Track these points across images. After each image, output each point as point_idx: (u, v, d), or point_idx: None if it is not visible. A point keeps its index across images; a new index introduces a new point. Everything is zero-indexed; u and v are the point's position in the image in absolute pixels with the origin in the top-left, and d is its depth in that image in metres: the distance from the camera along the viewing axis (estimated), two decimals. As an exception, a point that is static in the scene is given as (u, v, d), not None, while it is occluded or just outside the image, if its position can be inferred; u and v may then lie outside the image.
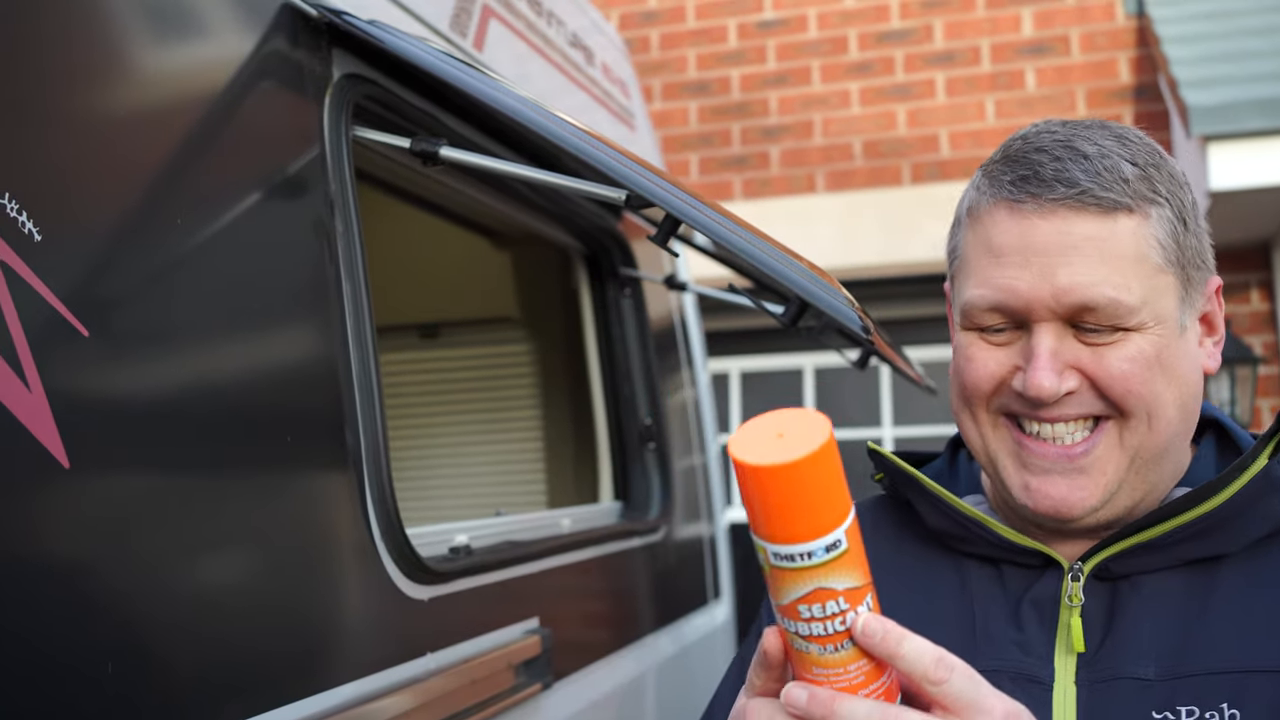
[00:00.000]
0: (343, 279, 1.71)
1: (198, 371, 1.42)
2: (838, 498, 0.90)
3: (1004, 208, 1.14)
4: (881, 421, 6.99)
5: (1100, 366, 1.12)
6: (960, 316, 1.20)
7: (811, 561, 0.89)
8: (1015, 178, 1.14)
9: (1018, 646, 1.18)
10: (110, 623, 1.22)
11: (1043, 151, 1.14)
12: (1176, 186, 1.16)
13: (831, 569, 0.89)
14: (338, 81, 1.81)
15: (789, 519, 0.88)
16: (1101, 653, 1.15)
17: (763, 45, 7.21)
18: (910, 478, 1.27)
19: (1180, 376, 1.15)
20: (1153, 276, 1.13)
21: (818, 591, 0.90)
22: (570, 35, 3.02)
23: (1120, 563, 1.17)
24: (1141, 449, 1.14)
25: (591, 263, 3.17)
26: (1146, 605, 1.15)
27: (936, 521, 1.26)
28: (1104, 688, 1.13)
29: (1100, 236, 1.11)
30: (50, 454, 1.15)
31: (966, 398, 1.20)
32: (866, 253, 6.61)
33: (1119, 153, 1.13)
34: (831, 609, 0.90)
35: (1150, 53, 6.54)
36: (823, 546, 0.89)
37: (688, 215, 1.63)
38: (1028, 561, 1.21)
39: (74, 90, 1.29)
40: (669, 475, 3.17)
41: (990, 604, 1.22)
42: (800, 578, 0.90)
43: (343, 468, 1.66)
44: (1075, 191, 1.10)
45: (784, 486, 0.87)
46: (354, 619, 1.66)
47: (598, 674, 2.56)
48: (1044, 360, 1.11)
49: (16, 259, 1.14)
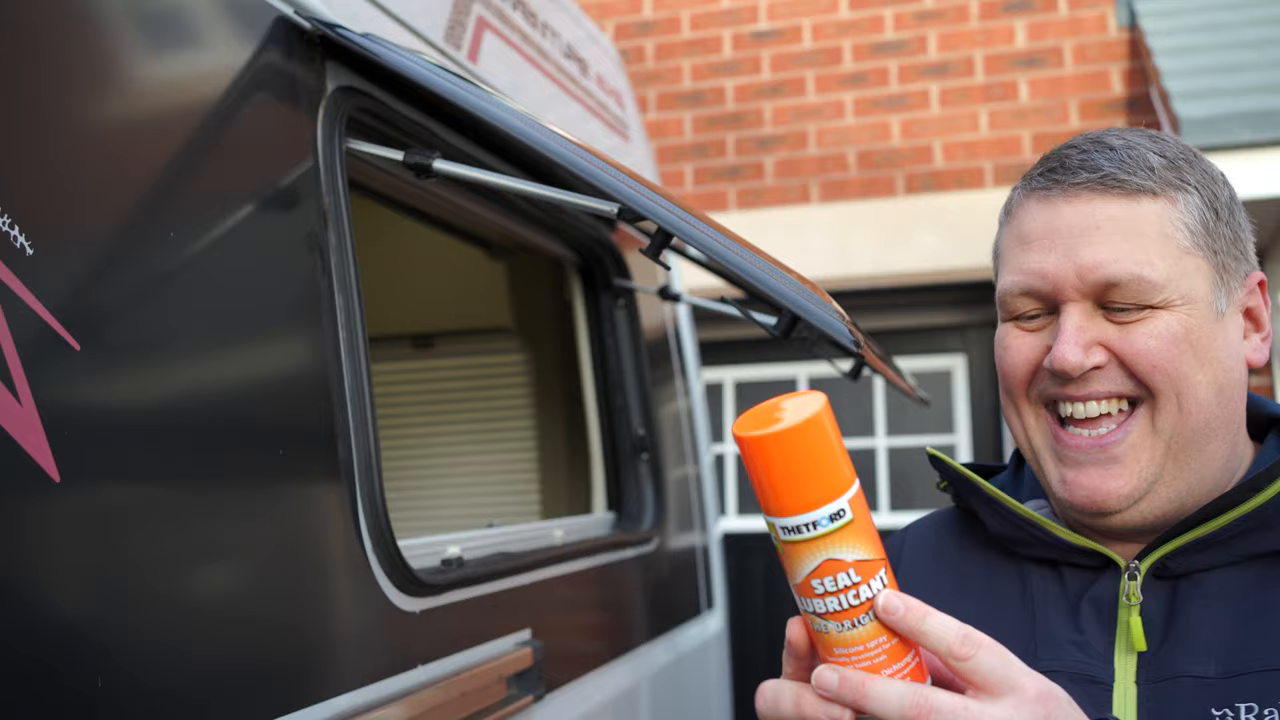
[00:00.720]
0: (335, 292, 1.72)
1: (189, 384, 1.42)
2: (839, 466, 0.93)
3: (1034, 198, 1.20)
4: (875, 432, 7.00)
5: (1126, 343, 1.13)
6: (999, 308, 1.24)
7: (817, 531, 0.92)
8: (1044, 170, 1.20)
9: (1077, 647, 1.17)
10: (100, 636, 1.22)
11: (1072, 147, 1.20)
12: (1210, 180, 1.19)
13: (838, 539, 0.92)
14: (331, 94, 1.81)
15: (791, 489, 0.91)
16: (1161, 651, 1.14)
17: (757, 56, 7.23)
18: (971, 483, 1.28)
19: (1214, 360, 1.15)
20: (1179, 257, 1.14)
21: (828, 563, 0.92)
22: (565, 46, 3.03)
23: (1178, 560, 1.16)
24: (1176, 433, 1.14)
25: (585, 274, 3.18)
26: (1207, 603, 1.15)
27: (997, 526, 1.27)
28: (1164, 686, 1.12)
29: (1123, 217, 1.13)
30: (41, 468, 1.15)
31: (1007, 388, 1.22)
32: (860, 263, 6.63)
33: (1147, 146, 1.17)
34: (843, 581, 0.92)
35: (1142, 65, 6.56)
36: (827, 515, 0.91)
37: (679, 229, 1.64)
38: (1086, 562, 1.22)
39: (68, 103, 1.30)
40: (662, 486, 3.17)
41: (1050, 606, 1.22)
42: (809, 550, 0.92)
43: (334, 480, 1.66)
44: (1099, 176, 1.14)
45: (783, 454, 0.91)
46: (345, 631, 1.66)
47: (590, 685, 2.56)
48: (1069, 334, 1.13)
49: (8, 273, 1.14)
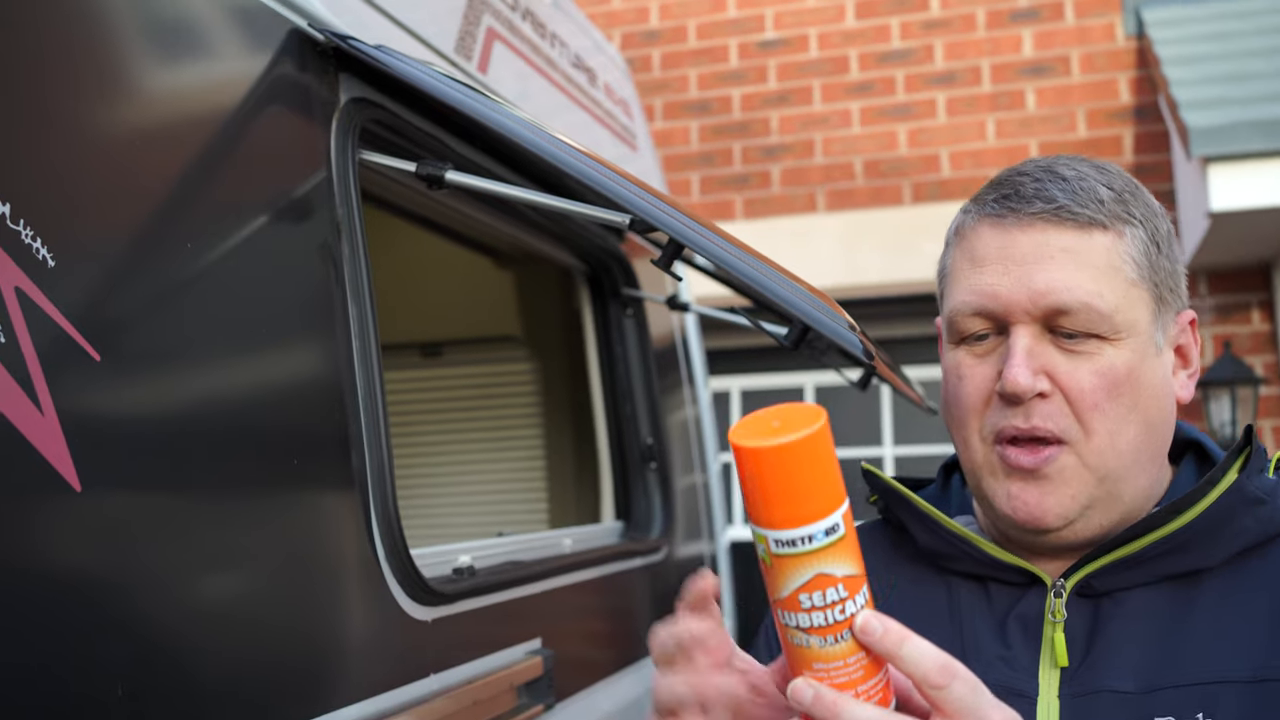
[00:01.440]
0: (349, 301, 1.73)
1: (206, 394, 1.43)
2: (835, 481, 0.92)
3: (987, 223, 1.22)
4: (882, 441, 7.00)
5: (1072, 378, 1.16)
6: (947, 330, 1.25)
7: (812, 545, 0.91)
8: (998, 196, 1.22)
9: (1004, 662, 1.20)
10: (120, 644, 1.23)
11: (1024, 174, 1.22)
12: (1151, 214, 1.22)
13: (831, 553, 0.92)
14: (344, 105, 1.82)
15: (789, 501, 0.91)
16: (1083, 667, 1.18)
17: (764, 65, 7.24)
18: (902, 497, 1.31)
19: (1150, 396, 1.19)
20: (1126, 289, 1.18)
21: (818, 578, 0.92)
22: (573, 56, 3.04)
23: (1102, 579, 1.20)
24: (1107, 469, 1.18)
25: (594, 283, 3.19)
26: (1128, 620, 1.18)
27: (926, 540, 1.29)
28: (1085, 701, 1.16)
29: (1076, 249, 1.17)
30: (62, 476, 1.16)
31: (959, 418, 1.24)
32: (867, 272, 6.64)
33: (1096, 178, 1.20)
34: (831, 596, 0.92)
35: (1150, 73, 6.57)
36: (822, 530, 0.91)
37: (691, 240, 1.65)
38: (1013, 579, 1.24)
39: (87, 116, 1.31)
40: (670, 495, 3.18)
41: (978, 621, 1.25)
42: (801, 564, 0.92)
43: (348, 488, 1.67)
44: (1053, 207, 1.17)
45: (783, 467, 0.90)
46: (358, 640, 1.67)
47: (600, 694, 2.56)
48: (1019, 358, 1.16)
49: (30, 283, 1.15)
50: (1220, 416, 5.92)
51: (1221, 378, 5.93)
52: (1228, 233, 5.50)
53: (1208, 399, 5.99)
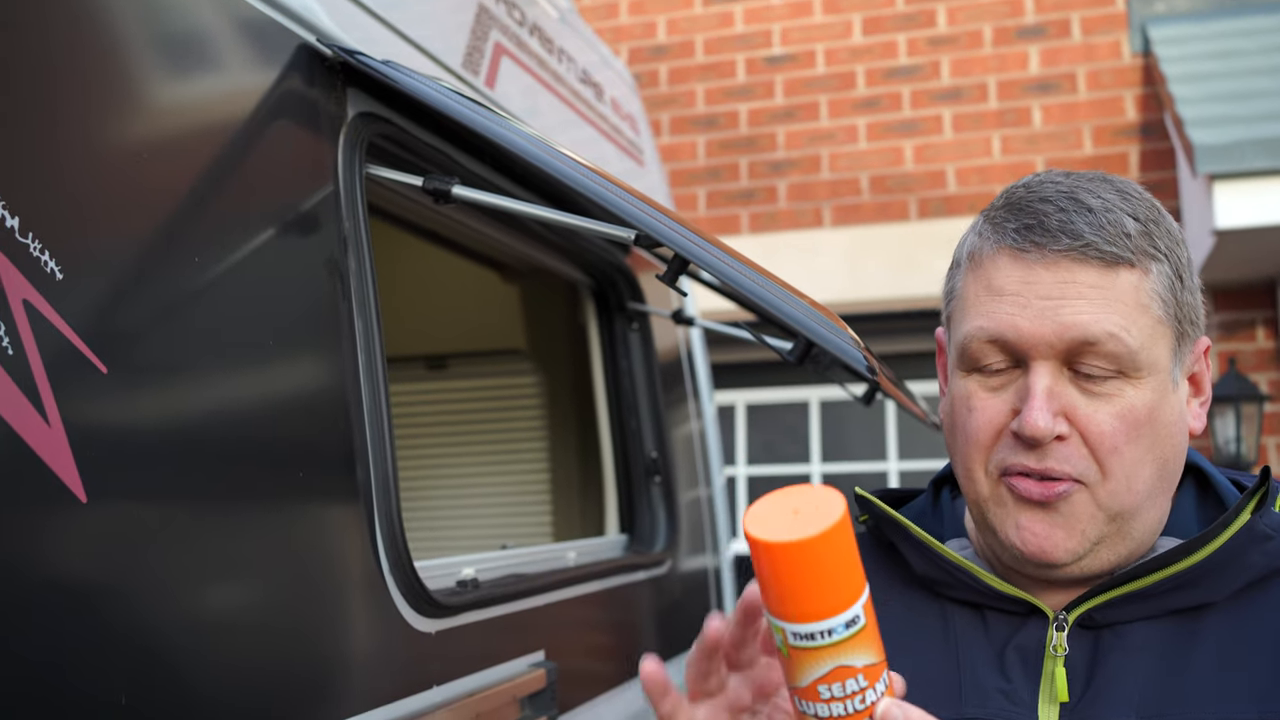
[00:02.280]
0: (355, 314, 1.74)
1: (212, 406, 1.44)
2: (855, 572, 0.90)
3: (1007, 254, 1.16)
4: (887, 455, 7.00)
5: (1092, 421, 1.13)
6: (957, 356, 1.20)
7: (832, 639, 0.89)
8: (1020, 226, 1.15)
9: (1004, 695, 1.18)
10: (125, 654, 1.23)
11: (1047, 202, 1.15)
12: (1175, 244, 1.18)
13: (851, 646, 0.90)
14: (352, 120, 1.84)
15: (809, 596, 0.88)
16: (1084, 702, 1.15)
17: (771, 80, 7.26)
18: (896, 522, 1.28)
19: (1166, 436, 1.17)
20: (1152, 326, 1.14)
21: (838, 670, 0.90)
22: (580, 71, 3.06)
23: (1104, 612, 1.18)
24: (1121, 509, 1.15)
25: (599, 297, 3.20)
26: (1129, 655, 1.16)
27: (921, 567, 1.27)
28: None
29: (1103, 285, 1.12)
30: (68, 488, 1.17)
31: (966, 451, 1.20)
32: (873, 287, 6.64)
33: (1121, 207, 1.15)
34: (851, 687, 0.90)
35: (1156, 91, 6.58)
36: (843, 623, 0.89)
37: (696, 255, 1.65)
38: (1012, 609, 1.22)
39: (95, 130, 1.32)
40: (675, 508, 3.18)
41: (975, 651, 1.22)
42: (820, 656, 0.90)
43: (352, 500, 1.68)
44: (1080, 244, 1.12)
45: (804, 563, 0.88)
46: (362, 651, 1.68)
47: (603, 707, 2.56)
48: (1040, 400, 1.12)
49: (39, 296, 1.16)
50: (1225, 434, 5.92)
51: (1226, 395, 5.92)
52: (1233, 250, 5.51)
53: (1212, 416, 5.99)
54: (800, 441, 7.19)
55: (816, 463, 7.13)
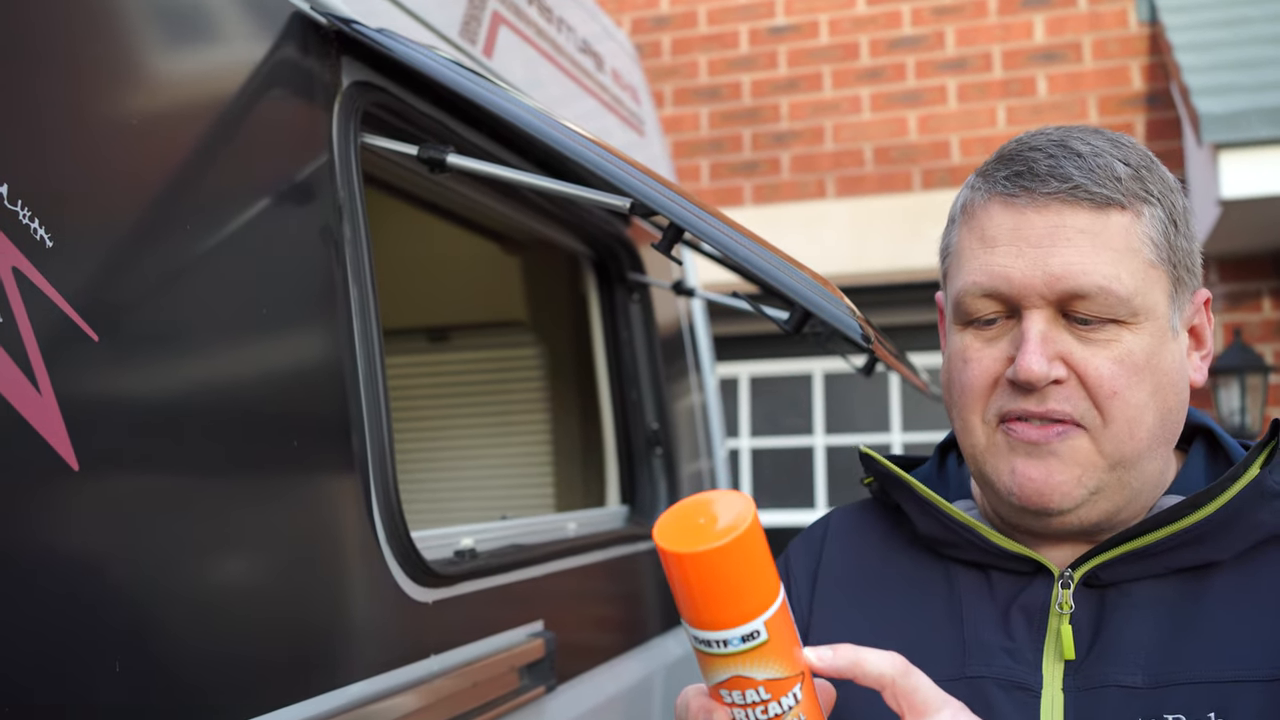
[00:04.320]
0: (350, 284, 1.73)
1: (205, 375, 1.44)
2: (758, 587, 0.89)
3: (998, 202, 1.17)
4: (891, 427, 7.00)
5: (1090, 365, 1.13)
6: (953, 310, 1.20)
7: (726, 650, 0.89)
8: (1010, 173, 1.16)
9: (1007, 653, 1.18)
10: (117, 622, 1.24)
11: (1037, 150, 1.16)
12: (1168, 189, 1.18)
13: (749, 658, 0.89)
14: (347, 89, 1.83)
15: (705, 606, 0.88)
16: (1089, 660, 1.15)
17: (774, 51, 7.22)
18: (901, 482, 1.27)
19: (1167, 382, 1.16)
20: (1144, 270, 1.14)
21: (736, 679, 0.90)
22: (580, 41, 3.04)
23: (1109, 570, 1.17)
24: (1122, 456, 1.14)
25: (600, 268, 3.19)
26: (1135, 613, 1.16)
27: (926, 527, 1.26)
28: (1091, 695, 1.13)
29: (1093, 230, 1.12)
30: (60, 456, 1.17)
31: (963, 402, 1.19)
32: (876, 259, 6.62)
33: (1112, 153, 1.15)
34: (751, 697, 0.90)
35: (1162, 60, 6.53)
36: (739, 636, 0.89)
37: (690, 224, 1.65)
38: (1017, 568, 1.21)
39: (86, 98, 1.31)
40: (676, 480, 3.18)
41: (979, 610, 1.21)
42: (716, 664, 0.90)
43: (349, 471, 1.68)
44: (1069, 186, 1.12)
45: (700, 573, 0.87)
46: (359, 621, 1.68)
47: (602, 677, 2.57)
48: (1034, 345, 1.12)
49: (28, 265, 1.16)
50: (1230, 404, 5.90)
51: (1231, 366, 5.91)
52: (1239, 220, 5.48)
53: (1217, 387, 5.97)
54: (803, 414, 7.19)
55: (820, 435, 7.13)
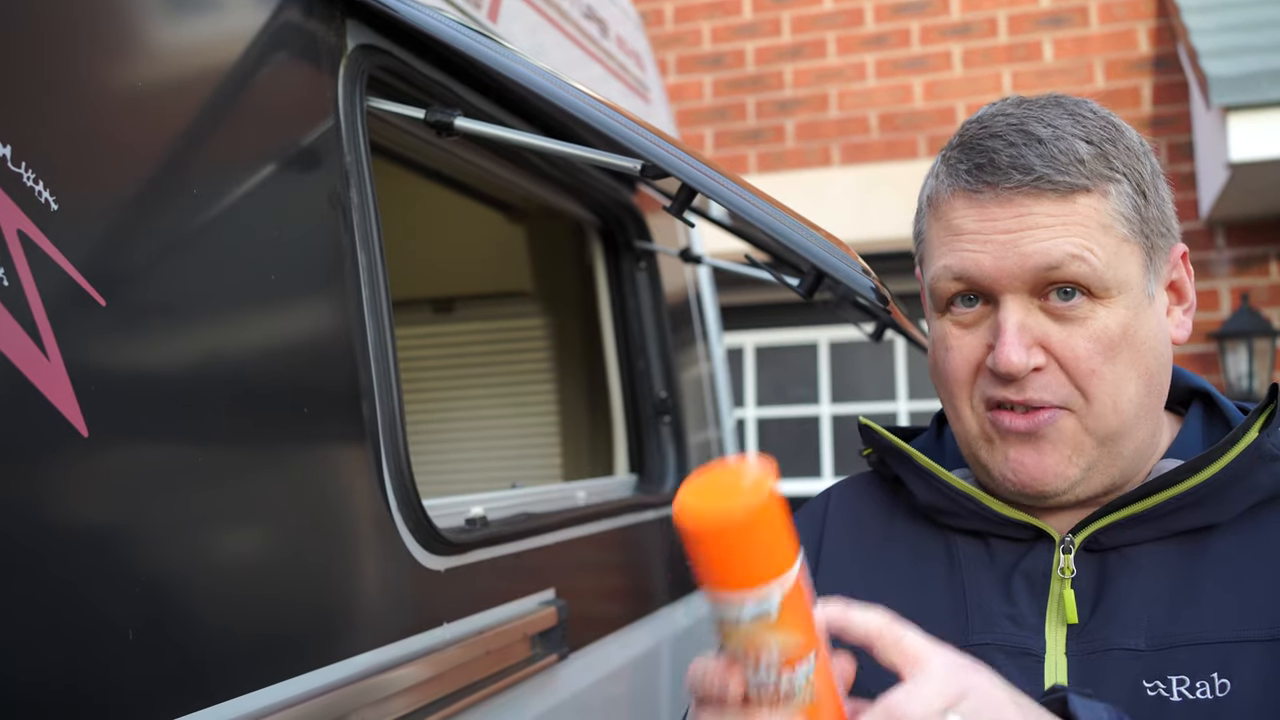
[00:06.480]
0: (358, 250, 1.71)
1: (214, 342, 1.42)
2: (774, 555, 0.89)
3: (962, 197, 1.16)
4: (896, 395, 6.98)
5: (1066, 346, 1.13)
6: (930, 298, 1.21)
7: (742, 616, 0.89)
8: (971, 166, 1.15)
9: (1010, 620, 1.18)
10: (129, 590, 1.23)
11: (997, 137, 1.15)
12: (1134, 159, 1.17)
13: (764, 626, 0.89)
14: (352, 53, 1.80)
15: (722, 571, 0.89)
16: (1092, 624, 1.15)
17: (778, 18, 7.17)
18: (900, 452, 1.28)
19: (1147, 350, 1.16)
20: (1117, 246, 1.13)
21: (751, 645, 0.90)
22: (585, 7, 3.01)
23: (1110, 535, 1.17)
24: (1109, 431, 1.15)
25: (606, 236, 3.17)
26: (1136, 576, 1.16)
27: (925, 496, 1.26)
28: (1095, 659, 1.14)
29: (1061, 214, 1.12)
30: (69, 422, 1.15)
31: (949, 390, 1.21)
32: (882, 226, 6.59)
33: (1073, 132, 1.14)
34: (765, 664, 0.91)
35: (1170, 22, 6.48)
36: (754, 602, 0.89)
37: (704, 185, 1.63)
38: (1017, 535, 1.22)
39: (90, 61, 1.29)
40: (684, 448, 3.17)
41: (980, 577, 1.22)
42: (733, 630, 0.91)
43: (359, 439, 1.66)
44: (1031, 178, 1.12)
45: (718, 538, 0.87)
46: (371, 589, 1.67)
47: (613, 646, 2.57)
48: (1011, 335, 1.12)
49: (34, 228, 1.14)
50: (1237, 369, 5.89)
51: (1239, 330, 5.89)
52: (1247, 183, 5.44)
53: (1224, 351, 5.96)
54: (809, 383, 7.17)
55: (826, 404, 7.12)
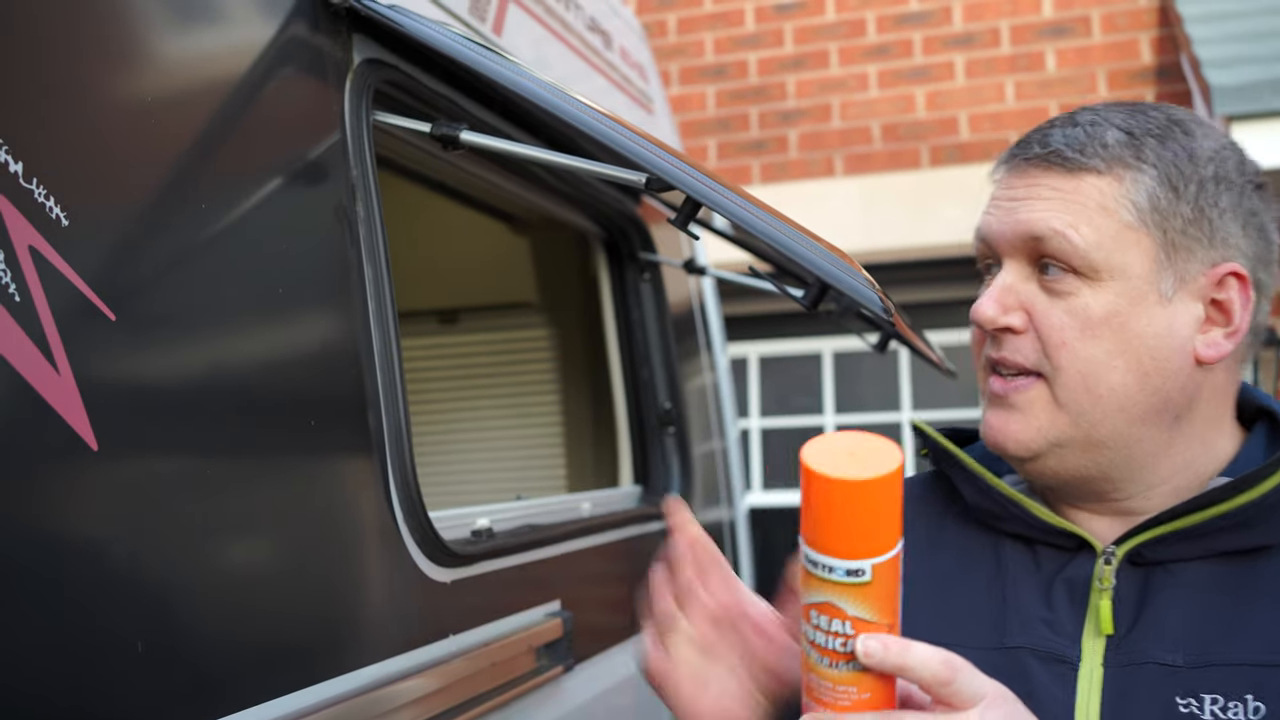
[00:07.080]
0: (364, 263, 1.72)
1: (222, 355, 1.43)
2: (878, 531, 0.93)
3: (1002, 169, 1.25)
4: (901, 406, 6.98)
5: (1044, 316, 1.17)
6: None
7: (830, 576, 0.93)
8: (1016, 144, 1.24)
9: (1046, 625, 1.18)
10: (138, 602, 1.23)
11: (1049, 121, 1.23)
12: (1183, 158, 1.16)
13: (848, 592, 0.93)
14: (358, 67, 1.81)
15: (828, 530, 0.93)
16: (1130, 636, 1.15)
17: (780, 28, 7.18)
18: (950, 455, 1.28)
19: (1141, 347, 1.14)
20: (1117, 230, 1.14)
21: (828, 605, 0.94)
22: (588, 19, 3.02)
23: (1155, 549, 1.16)
24: (1085, 412, 1.15)
25: (611, 247, 3.18)
26: (1179, 592, 1.15)
27: (975, 499, 1.27)
28: (1130, 671, 1.13)
29: (1065, 189, 1.17)
30: (78, 435, 1.16)
31: (974, 349, 1.26)
32: (885, 236, 6.60)
33: (1114, 121, 1.18)
34: (836, 627, 0.94)
35: (1172, 32, 6.49)
36: (844, 568, 0.92)
37: (708, 198, 1.63)
38: (1062, 543, 1.22)
39: (100, 77, 1.30)
40: (688, 459, 3.17)
41: (1023, 582, 1.22)
42: (817, 585, 0.94)
43: (366, 451, 1.67)
44: (1046, 152, 1.18)
45: (834, 499, 0.92)
46: (377, 601, 1.68)
47: (618, 657, 2.57)
48: (991, 290, 1.19)
49: (44, 243, 1.15)
50: (1242, 379, 5.88)
51: (1243, 340, 5.87)
52: (1250, 193, 5.44)
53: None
54: (813, 393, 7.17)
55: (830, 414, 7.12)
